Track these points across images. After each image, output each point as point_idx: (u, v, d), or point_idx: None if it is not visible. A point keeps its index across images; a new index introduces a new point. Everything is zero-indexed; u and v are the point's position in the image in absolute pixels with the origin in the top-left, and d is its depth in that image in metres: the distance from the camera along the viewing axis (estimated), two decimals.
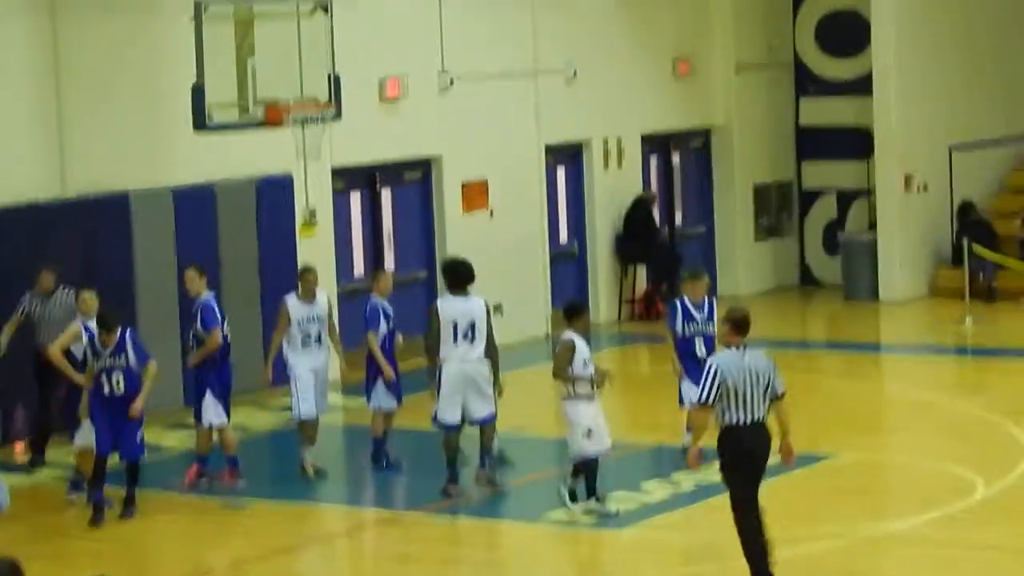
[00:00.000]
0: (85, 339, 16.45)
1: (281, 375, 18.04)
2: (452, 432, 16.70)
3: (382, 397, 17.85)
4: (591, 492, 16.06)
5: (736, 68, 28.19)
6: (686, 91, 27.76)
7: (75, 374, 16.65)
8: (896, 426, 19.68)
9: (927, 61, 27.64)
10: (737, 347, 13.24)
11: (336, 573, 15.96)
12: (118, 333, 16.19)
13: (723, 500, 15.53)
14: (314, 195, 22.34)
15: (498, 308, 17.30)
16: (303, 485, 17.64)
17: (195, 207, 21.08)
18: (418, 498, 16.98)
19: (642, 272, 26.97)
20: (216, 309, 17.37)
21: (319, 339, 17.63)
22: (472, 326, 16.63)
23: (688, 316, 17.53)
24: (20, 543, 14.54)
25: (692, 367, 17.11)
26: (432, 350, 16.79)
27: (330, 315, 17.86)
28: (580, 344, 15.91)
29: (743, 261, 28.36)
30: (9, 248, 19.36)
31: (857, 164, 28.52)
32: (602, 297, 26.56)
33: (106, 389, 16.15)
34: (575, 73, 25.76)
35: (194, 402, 17.61)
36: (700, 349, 17.42)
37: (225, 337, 17.32)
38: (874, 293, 27.30)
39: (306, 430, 17.61)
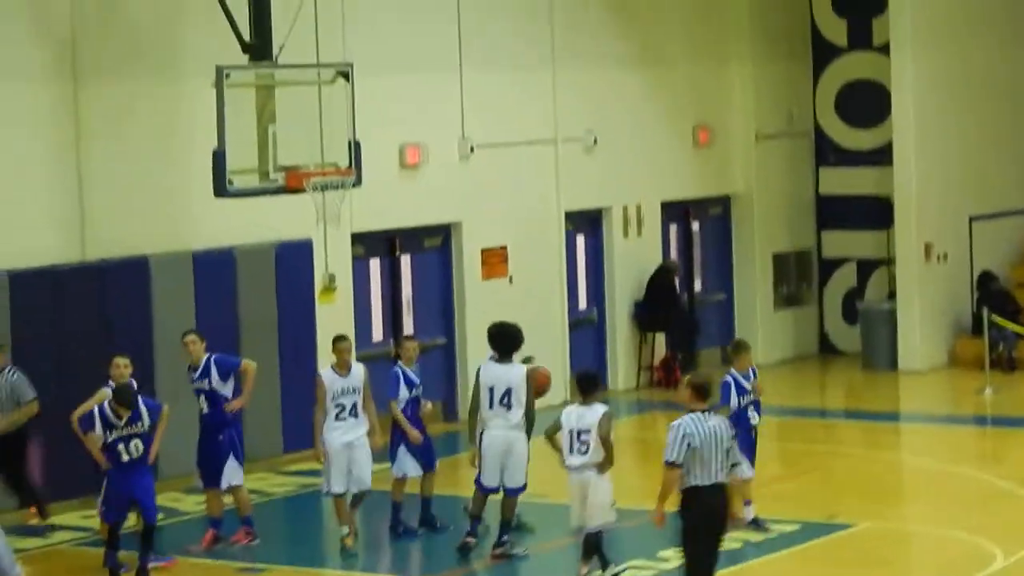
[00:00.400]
0: (96, 409, 16.37)
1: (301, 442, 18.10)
2: (489, 494, 16.84)
3: (408, 464, 17.80)
4: (605, 563, 16.17)
5: (756, 136, 28.24)
6: (706, 159, 27.81)
7: (94, 447, 16.41)
8: (915, 496, 19.67)
9: (947, 131, 27.68)
10: (701, 412, 13.44)
11: None
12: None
13: (740, 570, 15.58)
14: (333, 260, 22.42)
15: (528, 360, 17.24)
16: (318, 550, 17.60)
17: (215, 271, 21.10)
18: (433, 565, 16.93)
19: (661, 339, 26.96)
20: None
21: (354, 411, 17.24)
22: (508, 393, 16.69)
23: (741, 389, 17.45)
24: None
25: (748, 439, 17.17)
26: (472, 414, 16.94)
27: (366, 386, 17.45)
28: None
29: (762, 330, 28.30)
30: (29, 311, 19.35)
31: (877, 233, 28.53)
32: (621, 364, 26.55)
33: (124, 457, 16.08)
34: (595, 140, 25.83)
35: (207, 465, 17.53)
36: (753, 417, 17.44)
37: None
38: (893, 363, 27.22)
39: (338, 506, 17.31)
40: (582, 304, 26.31)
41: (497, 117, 24.42)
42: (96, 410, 16.26)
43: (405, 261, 23.96)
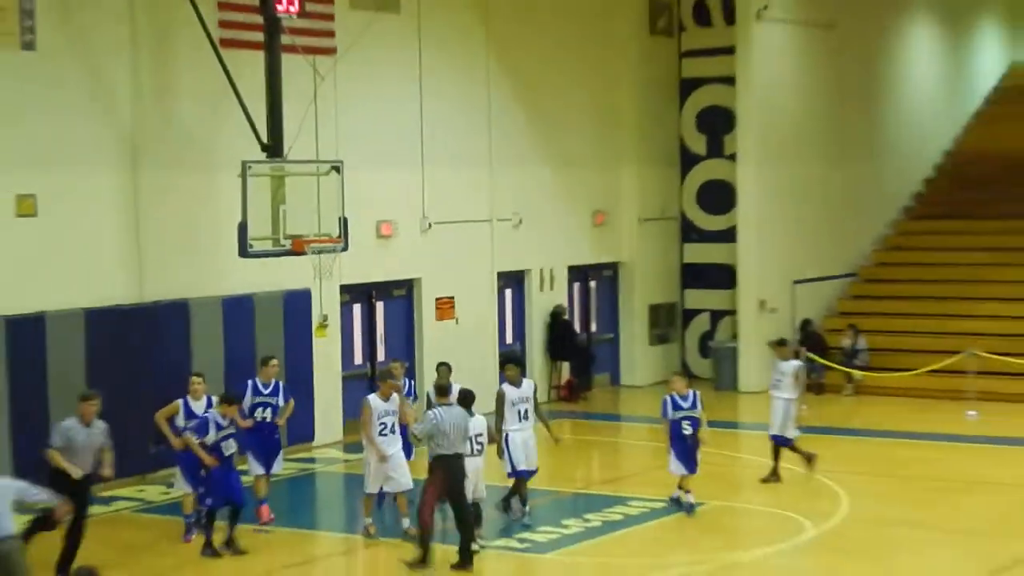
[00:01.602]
0: (187, 420, 15.99)
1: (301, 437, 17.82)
2: (525, 478, 16.95)
3: None
4: (524, 501, 16.33)
5: (638, 220, 28.28)
6: (601, 235, 27.88)
7: (173, 437, 16.27)
8: (750, 484, 19.67)
9: (777, 218, 27.87)
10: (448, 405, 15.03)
11: None
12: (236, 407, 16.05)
13: (626, 533, 15.60)
14: (327, 305, 22.36)
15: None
16: (310, 517, 17.57)
17: (239, 312, 21.01)
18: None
19: (566, 366, 26.98)
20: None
21: (393, 429, 16.49)
22: (527, 406, 16.92)
23: (677, 406, 17.36)
24: None
25: (684, 445, 17.33)
26: (498, 424, 16.80)
27: (402, 404, 16.75)
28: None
29: (640, 360, 28.37)
30: (96, 340, 19.20)
31: (724, 292, 28.59)
32: (537, 383, 26.43)
33: (227, 452, 15.69)
34: (520, 220, 25.87)
35: (267, 457, 17.27)
36: (687, 428, 17.36)
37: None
38: (735, 386, 27.40)
39: (367, 502, 16.64)
40: (508, 339, 26.32)
41: (449, 202, 24.45)
42: (211, 417, 15.73)
43: (379, 306, 23.91)
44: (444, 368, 17.71)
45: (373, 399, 16.53)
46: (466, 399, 15.80)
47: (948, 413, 24.57)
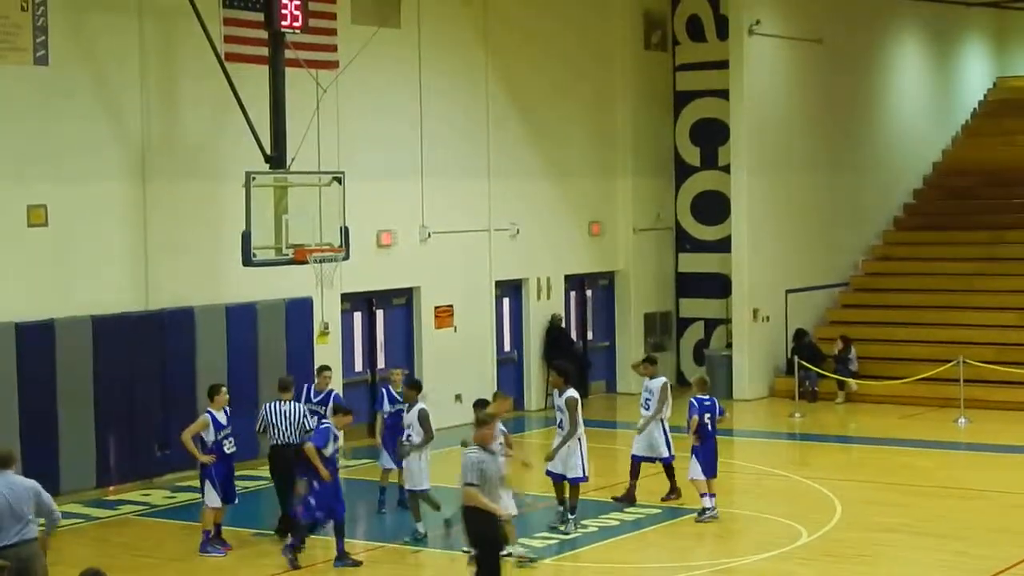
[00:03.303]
0: (216, 432, 15.66)
1: None
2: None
3: (385, 459, 17.86)
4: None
5: (634, 230, 28.32)
6: (597, 245, 27.92)
7: (201, 455, 15.84)
8: (745, 490, 19.71)
9: (771, 228, 27.94)
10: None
11: None
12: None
13: (623, 539, 15.60)
14: (328, 313, 22.41)
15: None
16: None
17: (242, 320, 21.07)
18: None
19: None
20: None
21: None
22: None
23: (704, 408, 17.50)
24: None
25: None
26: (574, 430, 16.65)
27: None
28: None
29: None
30: (105, 346, 19.31)
31: (719, 301, 28.65)
32: (533, 390, 26.58)
33: (338, 465, 15.50)
34: (518, 231, 25.93)
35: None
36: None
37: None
38: (729, 393, 27.34)
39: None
40: (506, 347, 26.35)
41: (447, 212, 24.49)
42: (329, 430, 15.37)
43: (380, 314, 23.95)
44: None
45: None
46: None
47: (939, 421, 24.63)
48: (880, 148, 31.59)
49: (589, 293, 28.19)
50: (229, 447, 15.92)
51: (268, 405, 16.54)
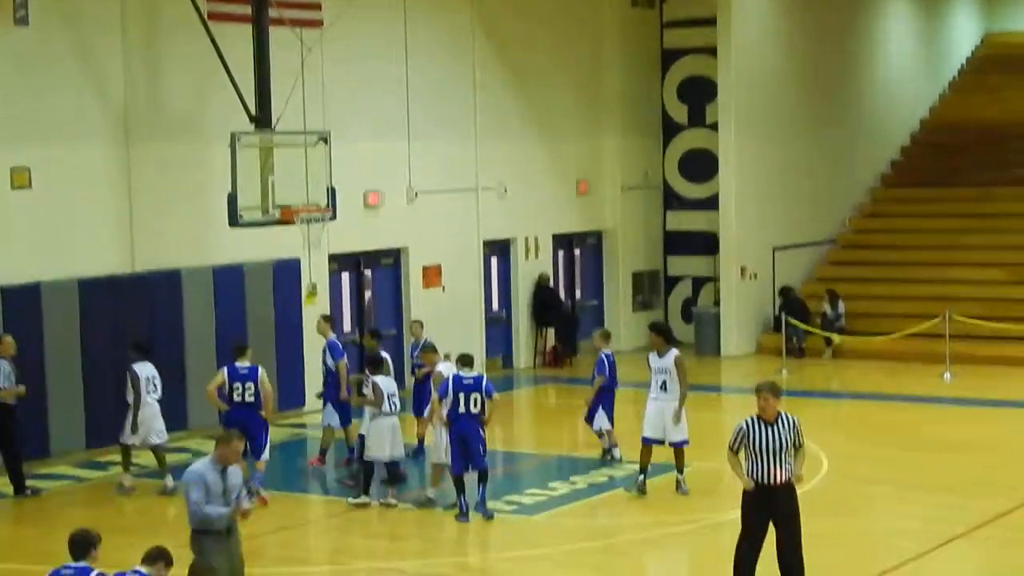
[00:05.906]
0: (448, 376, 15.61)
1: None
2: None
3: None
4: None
5: (621, 188, 28.32)
6: (585, 204, 27.89)
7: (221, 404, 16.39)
8: None
9: (758, 185, 27.90)
10: None
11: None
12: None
13: (611, 495, 15.57)
14: (315, 274, 22.38)
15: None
16: (301, 482, 17.64)
17: (229, 281, 21.06)
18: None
19: (551, 332, 27.02)
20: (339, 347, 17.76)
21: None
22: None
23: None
24: None
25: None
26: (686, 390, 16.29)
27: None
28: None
29: (624, 326, 28.39)
30: (92, 309, 19.30)
31: (707, 258, 28.68)
32: (522, 350, 26.63)
33: (461, 410, 15.37)
34: (505, 190, 25.89)
35: (344, 411, 17.80)
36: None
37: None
38: (717, 350, 27.46)
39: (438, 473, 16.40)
40: (495, 307, 26.37)
41: (435, 172, 24.43)
42: (449, 378, 15.46)
43: (367, 275, 23.94)
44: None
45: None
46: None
47: (925, 376, 24.69)
48: (868, 105, 31.52)
49: (577, 252, 28.20)
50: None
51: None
